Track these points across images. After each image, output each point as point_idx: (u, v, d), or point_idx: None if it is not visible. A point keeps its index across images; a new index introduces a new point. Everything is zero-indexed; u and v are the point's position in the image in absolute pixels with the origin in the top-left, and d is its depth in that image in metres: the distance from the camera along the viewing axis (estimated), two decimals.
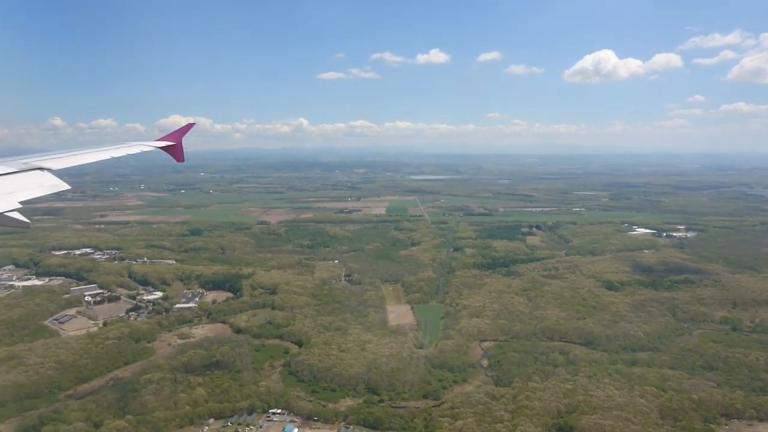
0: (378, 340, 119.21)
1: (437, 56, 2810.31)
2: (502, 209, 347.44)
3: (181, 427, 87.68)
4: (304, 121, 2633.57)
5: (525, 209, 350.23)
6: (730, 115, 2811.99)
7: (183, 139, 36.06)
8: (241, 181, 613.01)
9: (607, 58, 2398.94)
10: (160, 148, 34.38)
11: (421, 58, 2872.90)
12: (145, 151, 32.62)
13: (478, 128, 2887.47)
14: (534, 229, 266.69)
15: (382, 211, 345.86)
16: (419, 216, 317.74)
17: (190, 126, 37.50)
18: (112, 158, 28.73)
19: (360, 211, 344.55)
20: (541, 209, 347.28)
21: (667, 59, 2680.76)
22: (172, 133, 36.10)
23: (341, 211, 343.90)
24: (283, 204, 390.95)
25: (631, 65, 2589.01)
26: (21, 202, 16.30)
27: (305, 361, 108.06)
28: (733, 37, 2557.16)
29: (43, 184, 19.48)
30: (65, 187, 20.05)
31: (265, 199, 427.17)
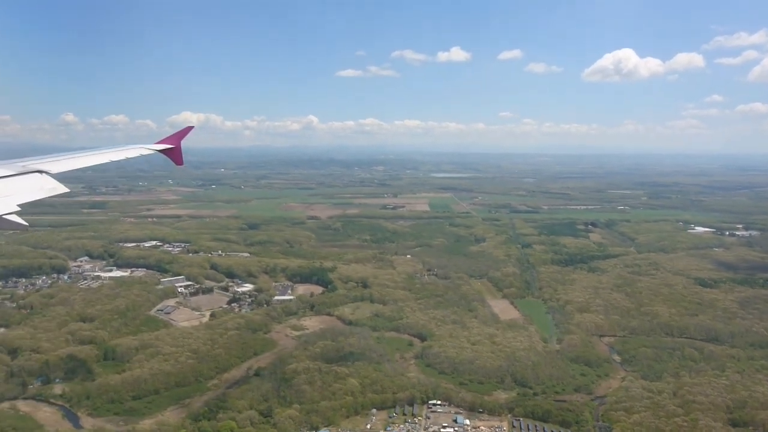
0: (502, 333, 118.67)
1: (458, 54, 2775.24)
2: (546, 207, 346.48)
3: (347, 417, 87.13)
4: (314, 119, 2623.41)
5: (568, 207, 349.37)
6: (744, 116, 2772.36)
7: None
8: (265, 177, 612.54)
9: (627, 57, 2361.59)
10: (159, 151, 34.53)
11: (442, 56, 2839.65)
12: (144, 155, 32.70)
13: (488, 127, 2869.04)
14: (590, 226, 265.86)
15: (425, 207, 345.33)
16: (467, 213, 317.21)
17: (189, 129, 37.69)
18: (111, 161, 28.83)
19: (403, 207, 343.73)
20: (584, 207, 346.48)
21: (688, 59, 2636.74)
22: (171, 136, 36.24)
23: (384, 207, 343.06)
24: (321, 200, 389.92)
25: (651, 64, 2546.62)
26: (19, 205, 16.20)
27: (441, 354, 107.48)
28: (758, 37, 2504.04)
29: (42, 187, 19.36)
30: (64, 189, 19.89)
31: (299, 195, 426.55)
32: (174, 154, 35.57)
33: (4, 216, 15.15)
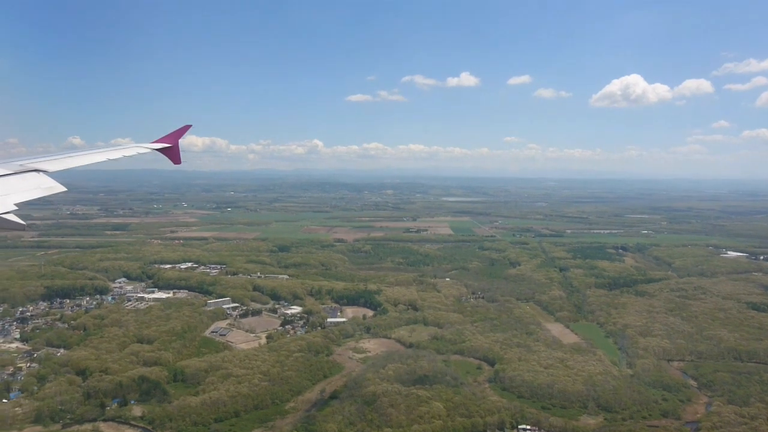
0: (572, 357, 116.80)
1: (467, 79, 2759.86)
2: (569, 231, 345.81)
3: None
4: (319, 143, 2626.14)
5: (591, 231, 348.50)
6: (750, 141, 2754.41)
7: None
8: (277, 200, 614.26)
9: (635, 82, 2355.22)
10: (156, 150, 33.94)
11: (451, 81, 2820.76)
12: (142, 153, 32.29)
13: (492, 152, 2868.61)
14: (620, 250, 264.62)
15: (448, 231, 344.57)
16: (492, 236, 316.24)
17: (186, 128, 36.90)
18: (108, 160, 28.56)
19: (426, 230, 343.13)
20: (608, 231, 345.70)
21: (697, 85, 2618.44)
22: (169, 135, 35.48)
23: (407, 230, 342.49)
24: (341, 223, 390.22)
25: (659, 90, 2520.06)
26: (17, 204, 16.07)
27: (517, 377, 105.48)
28: None
29: (39, 186, 19.25)
30: (61, 189, 19.76)
31: (317, 218, 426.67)
32: (172, 153, 34.83)
33: (1, 215, 14.86)
